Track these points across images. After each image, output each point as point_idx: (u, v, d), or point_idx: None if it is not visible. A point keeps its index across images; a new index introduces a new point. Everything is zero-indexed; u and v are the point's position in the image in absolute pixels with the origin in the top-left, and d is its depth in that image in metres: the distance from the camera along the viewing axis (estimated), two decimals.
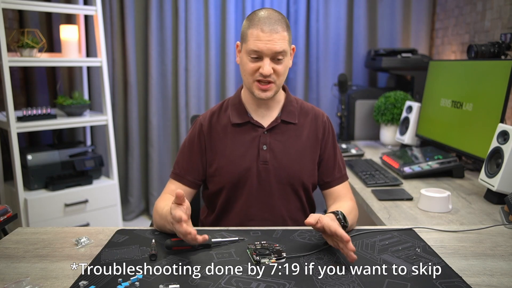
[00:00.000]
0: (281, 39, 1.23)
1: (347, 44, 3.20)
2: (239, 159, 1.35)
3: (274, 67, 1.25)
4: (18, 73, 2.89)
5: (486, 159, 1.60)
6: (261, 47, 1.23)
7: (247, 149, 1.35)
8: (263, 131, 1.36)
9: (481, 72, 1.90)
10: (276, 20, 1.25)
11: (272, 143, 1.36)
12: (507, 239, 1.19)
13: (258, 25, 1.24)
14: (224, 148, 1.36)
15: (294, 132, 1.38)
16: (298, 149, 1.37)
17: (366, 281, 0.93)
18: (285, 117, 1.38)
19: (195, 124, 1.42)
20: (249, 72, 1.27)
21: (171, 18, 3.12)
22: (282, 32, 1.24)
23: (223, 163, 1.36)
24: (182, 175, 1.37)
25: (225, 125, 1.38)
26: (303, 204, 1.42)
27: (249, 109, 1.39)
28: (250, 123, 1.37)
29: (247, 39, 1.26)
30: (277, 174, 1.35)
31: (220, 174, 1.36)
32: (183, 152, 1.40)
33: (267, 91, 1.29)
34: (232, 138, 1.37)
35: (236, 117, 1.37)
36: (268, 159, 1.34)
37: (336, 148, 1.44)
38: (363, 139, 2.81)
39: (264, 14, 1.26)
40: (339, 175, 1.41)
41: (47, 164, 2.55)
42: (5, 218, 1.41)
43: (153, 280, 0.94)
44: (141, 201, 3.36)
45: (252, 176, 1.35)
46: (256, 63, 1.26)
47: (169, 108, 3.22)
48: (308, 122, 1.40)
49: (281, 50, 1.24)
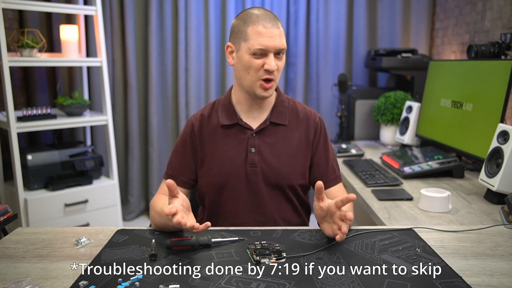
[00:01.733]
0: (281, 35, 1.26)
1: (347, 44, 3.20)
2: (228, 161, 1.34)
3: (276, 63, 1.26)
4: (18, 73, 2.89)
5: (486, 159, 1.60)
6: (265, 43, 1.22)
7: (235, 152, 1.34)
8: (252, 133, 1.35)
9: (481, 72, 1.90)
10: (273, 17, 1.26)
11: (260, 145, 1.34)
12: (507, 239, 1.18)
13: (258, 22, 1.23)
14: (214, 150, 1.36)
15: (284, 134, 1.36)
16: (288, 151, 1.35)
17: (366, 281, 0.93)
18: (274, 118, 1.36)
19: (187, 125, 1.41)
20: (254, 69, 1.25)
21: (171, 18, 3.12)
22: (281, 27, 1.26)
23: (212, 164, 1.35)
24: (175, 176, 1.37)
25: (215, 126, 1.37)
26: (295, 206, 1.40)
27: (239, 110, 1.37)
28: (238, 124, 1.35)
29: (248, 37, 1.24)
30: (265, 177, 1.33)
31: (208, 175, 1.35)
32: (176, 152, 1.40)
33: (269, 90, 1.28)
34: (221, 140, 1.36)
35: (225, 118, 1.36)
36: (256, 161, 1.33)
37: (329, 149, 1.41)
38: (363, 139, 2.81)
39: (260, 12, 1.26)
40: (332, 177, 1.39)
41: (47, 164, 2.55)
42: (5, 218, 1.41)
43: (153, 280, 0.94)
44: (141, 201, 3.36)
45: (241, 179, 1.34)
46: (260, 59, 1.25)
47: (169, 108, 3.22)
48: (299, 123, 1.38)
49: (283, 47, 1.26)
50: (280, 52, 1.26)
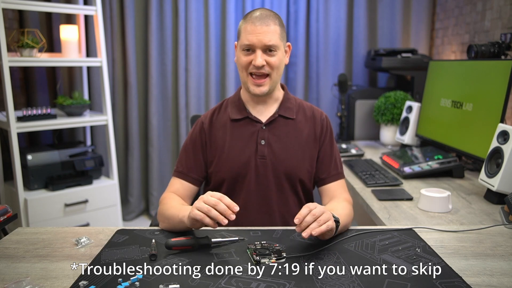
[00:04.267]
0: (271, 32, 1.27)
1: (347, 44, 3.20)
2: (238, 153, 1.37)
3: (267, 59, 1.29)
4: (18, 73, 2.89)
5: (486, 159, 1.60)
6: (251, 39, 1.27)
7: (245, 144, 1.38)
8: (261, 126, 1.39)
9: (481, 72, 1.90)
10: (267, 15, 1.29)
11: (270, 137, 1.38)
12: (507, 239, 1.18)
13: (250, 20, 1.29)
14: (224, 144, 1.39)
15: (292, 127, 1.40)
16: (296, 144, 1.39)
17: (366, 281, 0.93)
18: (283, 112, 1.40)
19: (197, 124, 1.45)
20: (243, 65, 1.32)
21: (171, 18, 3.12)
22: (273, 25, 1.28)
23: (222, 158, 1.38)
24: (186, 173, 1.40)
25: (225, 122, 1.42)
26: (301, 200, 1.42)
27: (248, 106, 1.42)
28: (248, 118, 1.40)
29: (240, 35, 1.32)
30: (274, 169, 1.37)
31: (220, 169, 1.38)
32: (186, 150, 1.43)
33: (261, 86, 1.32)
34: (231, 133, 1.39)
35: (235, 113, 1.41)
36: (266, 153, 1.37)
37: (333, 146, 1.45)
38: (363, 139, 2.81)
39: (258, 13, 1.30)
40: (334, 172, 1.42)
41: (47, 164, 2.55)
42: (5, 218, 1.41)
43: (153, 280, 0.94)
44: (141, 201, 3.36)
45: (251, 171, 1.37)
46: (249, 56, 1.30)
47: (169, 108, 3.22)
48: (307, 119, 1.43)
49: (271, 44, 1.28)
50: (271, 49, 1.28)
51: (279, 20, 1.32)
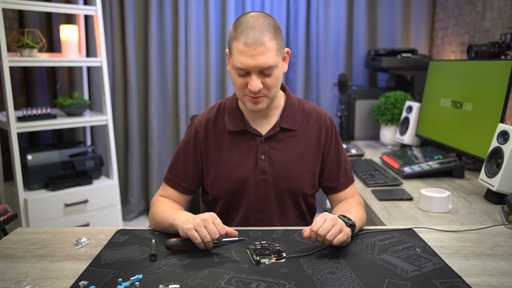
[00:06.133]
0: (267, 52, 1.13)
1: (347, 44, 3.20)
2: (236, 168, 1.29)
3: (263, 81, 1.17)
4: (18, 73, 2.89)
5: (486, 159, 1.60)
6: (246, 63, 1.14)
7: (244, 159, 1.29)
8: (261, 139, 1.29)
9: (481, 72, 1.90)
10: (261, 29, 1.13)
11: (270, 151, 1.29)
12: (507, 239, 1.18)
13: (241, 37, 1.13)
14: (220, 155, 1.31)
15: (294, 139, 1.32)
16: (298, 156, 1.31)
17: (366, 281, 0.93)
18: (284, 124, 1.31)
19: (191, 128, 1.36)
20: (238, 86, 1.20)
21: (171, 18, 3.12)
22: (268, 42, 1.13)
23: (219, 172, 1.31)
24: (177, 182, 1.33)
25: (222, 130, 1.32)
26: (303, 213, 1.38)
27: (246, 115, 1.32)
28: (247, 131, 1.30)
29: (232, 53, 1.17)
30: (276, 185, 1.30)
31: (216, 183, 1.32)
32: (178, 157, 1.35)
33: (259, 104, 1.21)
34: (229, 146, 1.31)
35: (232, 124, 1.30)
36: (267, 169, 1.29)
37: (340, 151, 1.38)
38: (363, 139, 2.81)
39: (249, 21, 1.15)
40: (344, 180, 1.37)
41: (47, 164, 2.55)
42: (5, 218, 1.41)
43: (153, 280, 0.94)
44: (141, 201, 3.36)
45: (250, 187, 1.30)
46: (244, 78, 1.18)
47: (169, 108, 3.22)
48: (310, 126, 1.34)
49: (268, 66, 1.14)
50: (266, 71, 1.16)
51: (274, 28, 1.16)
